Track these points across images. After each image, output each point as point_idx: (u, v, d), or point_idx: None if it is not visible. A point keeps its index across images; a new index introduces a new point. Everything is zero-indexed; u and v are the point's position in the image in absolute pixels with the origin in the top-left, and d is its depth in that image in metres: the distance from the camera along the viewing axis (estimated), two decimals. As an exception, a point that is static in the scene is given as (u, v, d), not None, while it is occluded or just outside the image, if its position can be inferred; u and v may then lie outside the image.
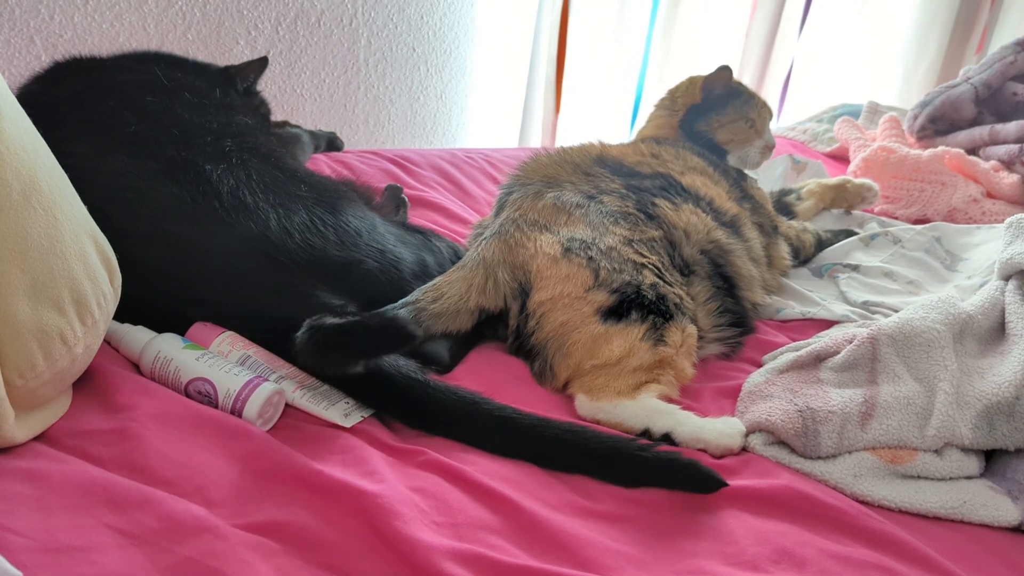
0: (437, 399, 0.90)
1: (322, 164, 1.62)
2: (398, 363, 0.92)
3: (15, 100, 0.77)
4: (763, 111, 1.56)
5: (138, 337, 0.92)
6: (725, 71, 1.52)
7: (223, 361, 0.90)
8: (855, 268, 1.47)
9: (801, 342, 1.18)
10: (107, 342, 0.93)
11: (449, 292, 1.05)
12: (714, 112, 1.53)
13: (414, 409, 0.91)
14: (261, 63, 1.36)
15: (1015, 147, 1.93)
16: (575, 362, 1.02)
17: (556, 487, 0.84)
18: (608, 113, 2.66)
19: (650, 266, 1.10)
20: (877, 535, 0.82)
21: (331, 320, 0.88)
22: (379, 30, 2.11)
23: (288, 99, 2.01)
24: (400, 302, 1.02)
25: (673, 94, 1.60)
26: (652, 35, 2.58)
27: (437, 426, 0.91)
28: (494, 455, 0.88)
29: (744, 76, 2.94)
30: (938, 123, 2.17)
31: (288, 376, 0.93)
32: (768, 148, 1.57)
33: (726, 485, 0.85)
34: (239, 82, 1.32)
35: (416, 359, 0.96)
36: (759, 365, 1.15)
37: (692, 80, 1.58)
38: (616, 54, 2.58)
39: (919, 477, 0.92)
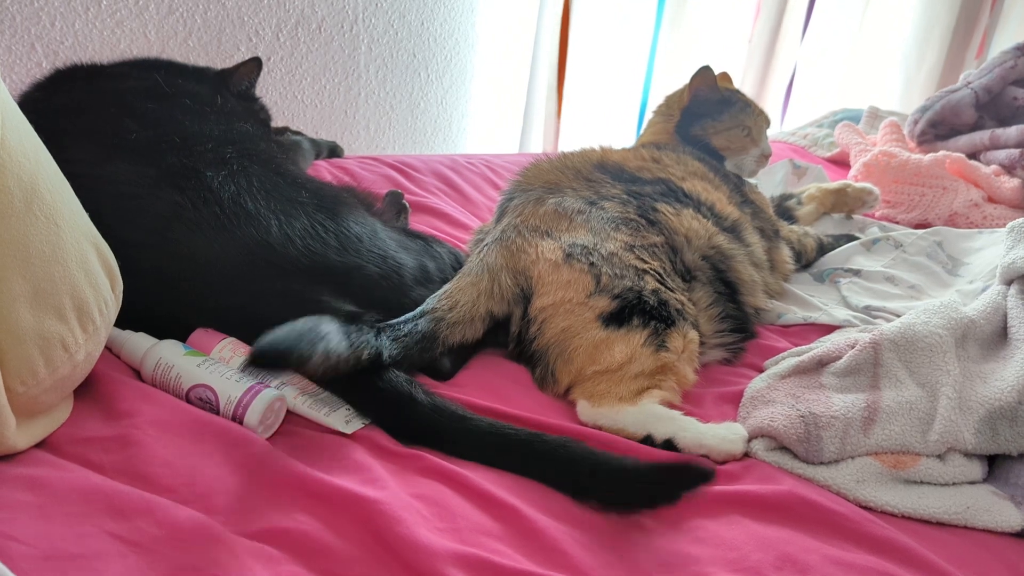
0: (424, 414, 0.89)
1: (323, 170, 1.62)
2: (390, 376, 0.91)
3: (16, 107, 0.77)
4: (759, 119, 1.56)
5: (139, 344, 0.92)
6: (705, 71, 1.52)
7: (224, 367, 0.90)
8: (856, 273, 1.46)
9: (803, 347, 1.18)
10: (108, 349, 0.93)
11: (462, 299, 1.04)
12: (710, 118, 1.53)
13: (403, 424, 0.90)
14: (253, 64, 1.35)
15: (1016, 151, 1.93)
16: (576, 368, 1.01)
17: (557, 493, 0.84)
18: (611, 119, 2.66)
19: (652, 272, 1.10)
20: (880, 541, 0.82)
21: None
22: (379, 36, 2.11)
23: (289, 105, 2.01)
24: (418, 311, 1.00)
25: (669, 100, 1.62)
26: (657, 39, 2.58)
27: (425, 441, 0.89)
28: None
29: (747, 82, 2.94)
30: (939, 128, 2.18)
31: (289, 382, 0.93)
32: (764, 157, 1.57)
33: (712, 474, 0.82)
34: (232, 85, 1.32)
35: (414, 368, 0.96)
36: (761, 370, 1.15)
37: (685, 86, 1.58)
38: (618, 59, 2.59)
39: (922, 482, 0.91)
